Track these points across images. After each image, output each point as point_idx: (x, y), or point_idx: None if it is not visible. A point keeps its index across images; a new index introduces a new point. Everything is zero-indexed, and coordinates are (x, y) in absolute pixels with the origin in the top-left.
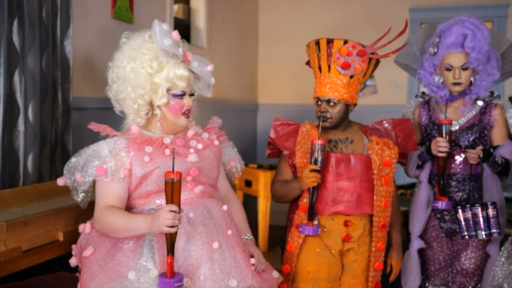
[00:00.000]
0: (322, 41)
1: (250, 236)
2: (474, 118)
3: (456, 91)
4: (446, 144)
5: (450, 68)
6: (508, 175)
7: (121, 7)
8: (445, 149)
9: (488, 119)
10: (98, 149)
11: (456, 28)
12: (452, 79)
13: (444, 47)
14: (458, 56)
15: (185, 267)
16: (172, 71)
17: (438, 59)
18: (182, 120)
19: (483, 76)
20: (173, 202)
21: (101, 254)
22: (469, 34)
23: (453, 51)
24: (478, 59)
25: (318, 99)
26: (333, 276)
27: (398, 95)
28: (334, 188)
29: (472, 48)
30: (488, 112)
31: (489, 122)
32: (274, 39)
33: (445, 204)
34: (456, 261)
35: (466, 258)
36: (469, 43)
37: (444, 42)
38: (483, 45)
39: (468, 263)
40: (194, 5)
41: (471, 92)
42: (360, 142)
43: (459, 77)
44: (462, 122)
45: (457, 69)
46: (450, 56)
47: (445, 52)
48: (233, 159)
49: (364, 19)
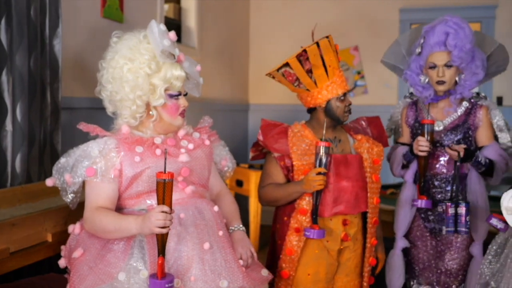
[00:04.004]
0: (330, 37)
1: (240, 226)
2: (459, 119)
3: (441, 91)
4: (426, 144)
5: (434, 67)
6: (493, 175)
7: (111, 6)
8: (426, 148)
9: (473, 120)
10: (87, 149)
11: (439, 28)
12: (436, 77)
13: (428, 47)
14: (441, 54)
15: (175, 268)
16: (169, 72)
17: (423, 59)
18: (179, 120)
19: (467, 76)
20: (165, 202)
21: (91, 255)
22: (451, 33)
23: (436, 50)
24: (460, 57)
25: (344, 95)
26: (330, 276)
27: (389, 95)
28: (335, 189)
29: (454, 45)
30: (474, 113)
31: (474, 123)
32: (265, 39)
33: (425, 202)
34: (440, 262)
35: (450, 258)
36: (451, 41)
37: (428, 42)
38: (465, 43)
39: (452, 264)
40: (185, 4)
41: (456, 92)
42: (347, 141)
43: (443, 75)
44: (447, 123)
45: (440, 67)
46: (433, 54)
47: (429, 51)
48: (224, 158)
49: (354, 19)
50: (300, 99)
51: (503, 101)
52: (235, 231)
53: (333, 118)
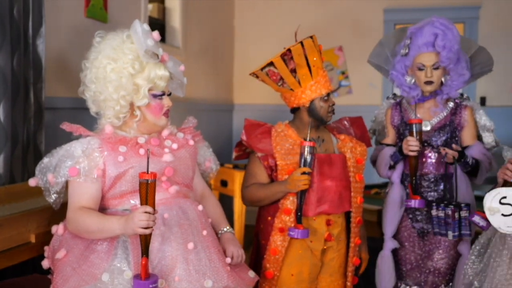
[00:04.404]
0: (314, 37)
1: (229, 229)
2: (446, 119)
3: (428, 91)
4: (416, 143)
5: (422, 68)
6: (478, 175)
7: (95, 5)
8: (416, 148)
9: (459, 120)
10: (71, 149)
11: (427, 29)
12: (424, 78)
13: (416, 48)
14: (429, 55)
15: (159, 268)
16: (153, 72)
17: (409, 60)
18: (163, 120)
19: (454, 77)
20: (148, 203)
21: (74, 256)
22: (439, 34)
23: (424, 51)
24: (449, 57)
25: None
26: (313, 276)
27: (373, 95)
28: (319, 189)
29: (443, 46)
30: (459, 113)
31: (460, 123)
32: (250, 39)
33: (418, 202)
34: (428, 261)
35: (438, 258)
36: (440, 41)
37: (416, 42)
38: (453, 44)
39: (440, 263)
40: (169, 4)
41: (442, 92)
42: (330, 141)
43: (431, 76)
44: (434, 122)
45: (428, 68)
46: (421, 55)
47: (417, 52)
48: (208, 159)
49: (339, 20)
50: (283, 99)
51: (486, 101)
52: (226, 233)
53: (317, 118)
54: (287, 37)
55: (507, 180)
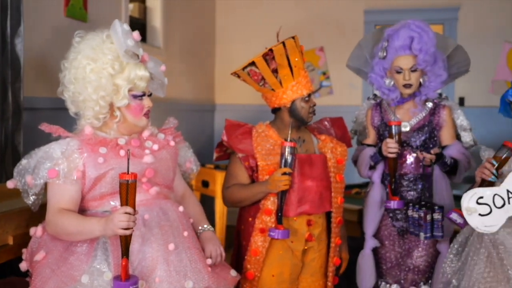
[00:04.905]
0: (296, 38)
1: (209, 227)
2: (424, 119)
3: (407, 93)
4: (395, 145)
5: (400, 71)
6: (457, 174)
7: (75, 5)
8: (395, 149)
9: (438, 120)
10: (49, 150)
11: (403, 32)
12: (403, 81)
13: (393, 51)
14: (406, 58)
15: (140, 269)
16: (133, 72)
17: (387, 62)
18: (143, 120)
19: (431, 77)
20: (128, 204)
21: (53, 258)
22: (415, 37)
23: (401, 54)
24: (425, 60)
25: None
26: (294, 277)
27: (354, 95)
28: (300, 189)
29: (420, 49)
30: (437, 113)
31: (438, 123)
32: (232, 39)
33: (397, 203)
34: (408, 259)
35: (417, 256)
36: (416, 45)
37: (392, 45)
38: (430, 47)
39: (419, 261)
40: (150, 4)
41: (421, 94)
42: (310, 142)
43: (409, 79)
44: (413, 123)
45: (406, 71)
46: (399, 59)
47: (394, 55)
48: (189, 160)
49: (320, 21)
50: (264, 99)
51: (465, 101)
52: (205, 231)
53: (298, 119)
54: (268, 37)
55: (485, 179)
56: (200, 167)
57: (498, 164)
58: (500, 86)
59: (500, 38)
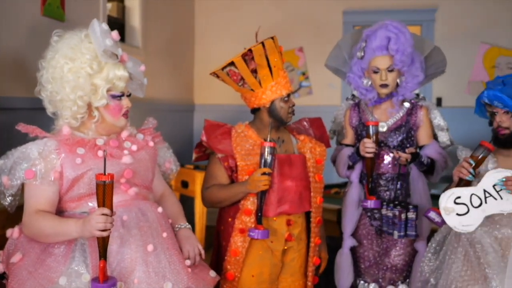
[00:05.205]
0: (275, 38)
1: (186, 224)
2: (402, 119)
3: (384, 93)
4: (372, 145)
5: (377, 71)
6: (434, 173)
7: (52, 4)
8: (372, 149)
9: (415, 120)
10: (26, 151)
11: (380, 32)
12: (379, 81)
13: (370, 51)
14: (383, 58)
15: (118, 270)
16: (112, 72)
17: (365, 62)
18: (122, 121)
19: (408, 78)
20: (105, 205)
21: (30, 259)
22: (392, 37)
23: (378, 54)
24: (402, 60)
25: (288, 96)
26: (273, 277)
27: (333, 95)
28: (279, 189)
29: (396, 50)
30: (415, 113)
31: (416, 123)
32: (211, 39)
33: (374, 203)
34: (386, 258)
35: (395, 254)
36: (393, 45)
37: (370, 46)
38: (406, 47)
39: (397, 260)
40: (129, 3)
41: (398, 94)
42: (290, 142)
43: (386, 79)
44: (390, 123)
45: (383, 71)
46: (376, 59)
47: (372, 56)
48: (168, 160)
49: (299, 21)
50: (244, 99)
51: (442, 102)
52: (182, 229)
53: (277, 119)
54: (248, 37)
55: (462, 178)
56: (179, 168)
57: (475, 163)
58: (476, 86)
59: (476, 39)
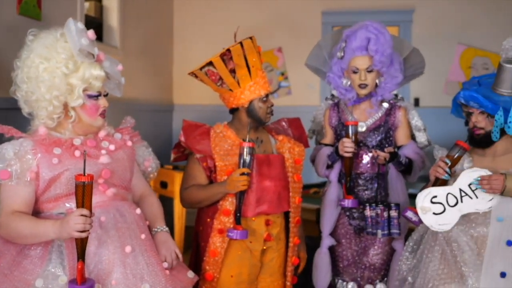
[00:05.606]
0: (254, 38)
1: (162, 227)
2: (380, 120)
3: (363, 93)
4: (351, 145)
5: (356, 71)
6: (411, 173)
7: (28, 2)
8: (351, 149)
9: (393, 120)
10: (2, 151)
11: (360, 33)
12: (358, 81)
13: (350, 51)
14: (363, 59)
15: (96, 272)
16: (88, 71)
17: (345, 62)
18: (99, 121)
19: (388, 79)
20: (84, 206)
21: (6, 261)
22: (372, 38)
23: (358, 54)
24: (381, 61)
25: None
26: (252, 277)
27: (312, 96)
28: (258, 189)
29: (376, 51)
30: (393, 114)
31: (394, 123)
32: (190, 39)
33: (351, 202)
34: (364, 257)
35: (373, 253)
36: (373, 46)
37: (350, 46)
38: (386, 48)
39: (375, 259)
40: (107, 2)
41: (377, 94)
42: (268, 142)
43: (365, 79)
44: (369, 123)
45: (362, 71)
46: (355, 59)
47: (351, 56)
48: (147, 159)
49: (278, 21)
50: (222, 100)
51: (419, 102)
52: (158, 233)
53: (255, 119)
54: (226, 37)
55: (438, 177)
56: (159, 166)
57: (451, 162)
58: (453, 87)
59: (453, 40)
